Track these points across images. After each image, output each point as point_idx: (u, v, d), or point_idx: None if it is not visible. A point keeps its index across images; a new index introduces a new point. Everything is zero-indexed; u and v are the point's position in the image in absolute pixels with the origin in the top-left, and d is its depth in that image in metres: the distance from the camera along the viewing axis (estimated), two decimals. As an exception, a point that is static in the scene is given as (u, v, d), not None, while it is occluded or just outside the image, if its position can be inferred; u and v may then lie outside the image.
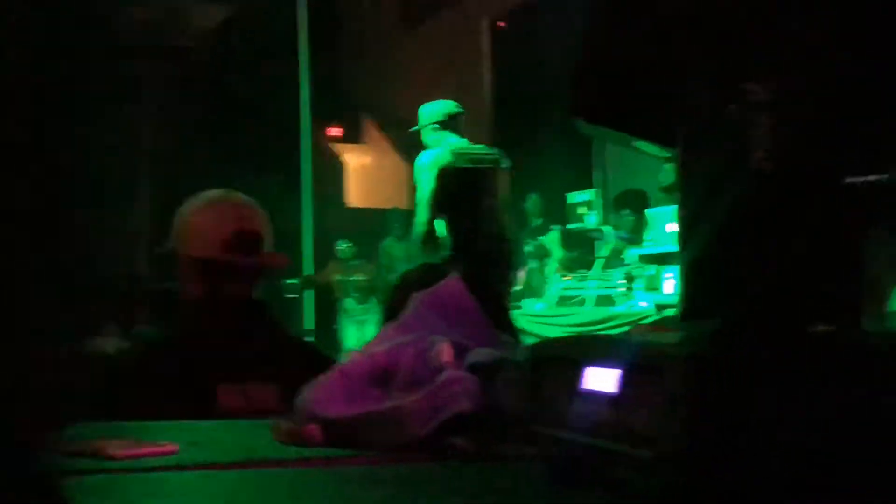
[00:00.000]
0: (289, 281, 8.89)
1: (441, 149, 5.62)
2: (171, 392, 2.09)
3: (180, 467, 1.19)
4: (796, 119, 1.00)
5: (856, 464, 0.87)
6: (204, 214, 2.34)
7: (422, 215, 5.42)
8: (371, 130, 12.35)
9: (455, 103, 5.96)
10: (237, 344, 2.24)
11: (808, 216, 1.00)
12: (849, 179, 1.03)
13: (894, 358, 0.94)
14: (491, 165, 5.72)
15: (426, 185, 5.48)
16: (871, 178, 1.06)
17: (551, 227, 8.83)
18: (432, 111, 5.88)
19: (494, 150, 5.86)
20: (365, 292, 9.37)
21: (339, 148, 11.96)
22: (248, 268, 2.30)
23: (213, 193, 2.40)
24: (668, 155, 1.11)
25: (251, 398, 2.14)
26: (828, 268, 1.01)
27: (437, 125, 5.77)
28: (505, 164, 5.78)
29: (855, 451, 0.87)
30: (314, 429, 1.29)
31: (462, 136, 5.77)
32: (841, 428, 0.88)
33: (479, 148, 5.83)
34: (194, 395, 2.09)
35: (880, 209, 1.24)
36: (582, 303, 7.13)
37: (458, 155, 5.57)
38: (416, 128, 5.89)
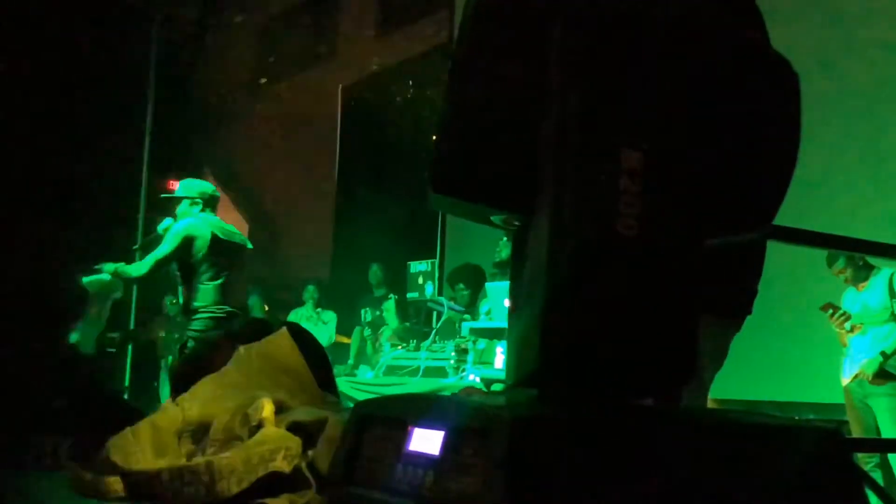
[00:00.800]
0: (111, 335, 8.60)
1: (196, 219, 6.03)
2: None
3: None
4: (665, 186, 1.00)
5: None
6: None
7: (147, 264, 5.82)
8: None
9: (214, 187, 6.47)
10: (40, 395, 2.12)
11: (656, 286, 0.99)
12: (693, 255, 1.04)
13: (707, 433, 0.94)
14: (239, 242, 6.24)
15: (169, 244, 5.86)
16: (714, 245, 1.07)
17: (390, 296, 8.80)
18: (196, 186, 6.29)
19: (241, 234, 6.39)
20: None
21: (175, 202, 11.71)
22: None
23: None
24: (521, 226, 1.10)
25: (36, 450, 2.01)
26: (660, 342, 1.01)
27: (198, 201, 6.16)
28: (249, 245, 6.33)
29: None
30: (115, 481, 1.21)
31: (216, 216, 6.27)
32: (656, 494, 0.87)
33: (231, 227, 6.29)
34: None
35: (711, 293, 1.25)
36: (415, 373, 7.12)
37: (213, 226, 6.01)
38: (172, 195, 6.26)
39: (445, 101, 1.08)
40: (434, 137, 1.09)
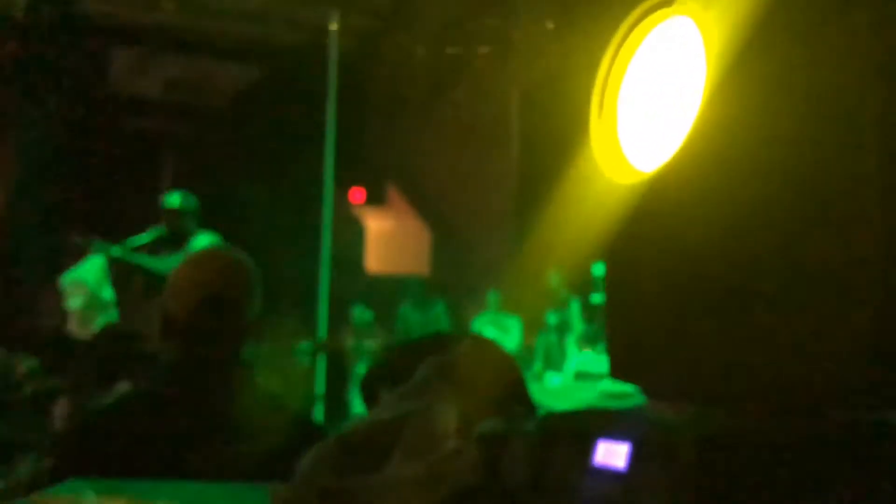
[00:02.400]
0: (302, 345, 8.84)
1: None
2: (141, 453, 2.05)
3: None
4: None
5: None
6: (182, 273, 2.31)
7: None
8: (394, 195, 12.38)
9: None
10: (210, 408, 2.20)
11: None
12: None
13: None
14: None
15: None
16: None
17: (573, 299, 8.75)
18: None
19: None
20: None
21: (361, 211, 11.98)
22: (217, 331, 2.24)
23: (198, 253, 2.40)
24: None
25: (224, 464, 2.08)
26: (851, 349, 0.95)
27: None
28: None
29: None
30: (312, 497, 1.24)
31: None
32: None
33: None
34: (164, 458, 2.05)
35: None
36: (600, 378, 7.06)
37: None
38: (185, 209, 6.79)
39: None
40: None
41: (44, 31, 8.90)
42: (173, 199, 6.96)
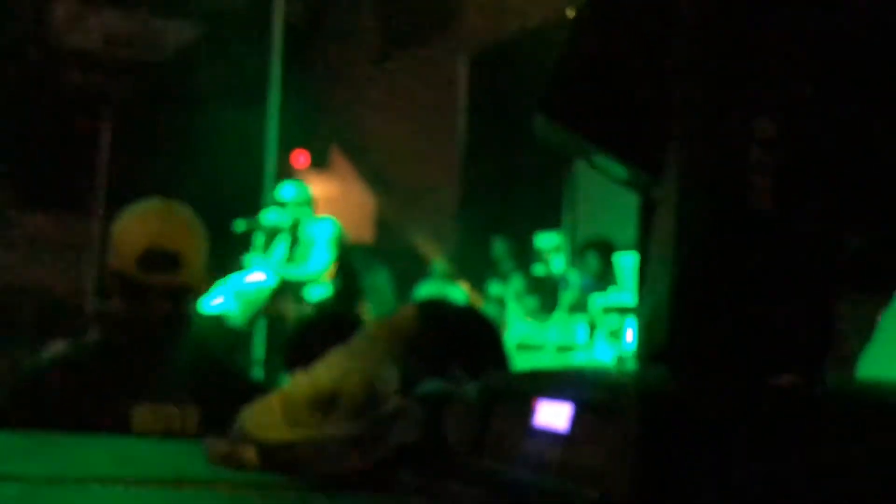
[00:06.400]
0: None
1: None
2: (83, 409, 2.05)
3: (107, 480, 1.13)
4: (803, 164, 0.96)
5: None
6: (124, 228, 2.28)
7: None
8: (338, 159, 12.30)
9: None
10: (153, 363, 2.19)
11: (792, 266, 0.96)
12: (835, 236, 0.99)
13: (853, 414, 0.90)
14: None
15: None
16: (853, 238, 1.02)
17: (516, 271, 8.77)
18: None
19: None
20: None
21: (304, 175, 11.89)
22: (161, 286, 2.22)
23: (142, 206, 2.33)
24: (625, 179, 1.08)
25: (167, 419, 2.09)
26: (798, 321, 0.97)
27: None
28: None
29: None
30: (250, 452, 1.23)
31: None
32: (793, 480, 0.84)
33: None
34: (107, 414, 2.05)
35: (856, 270, 1.20)
36: (544, 349, 7.09)
37: None
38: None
39: (565, 45, 1.07)
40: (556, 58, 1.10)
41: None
42: (286, 192, 6.99)
